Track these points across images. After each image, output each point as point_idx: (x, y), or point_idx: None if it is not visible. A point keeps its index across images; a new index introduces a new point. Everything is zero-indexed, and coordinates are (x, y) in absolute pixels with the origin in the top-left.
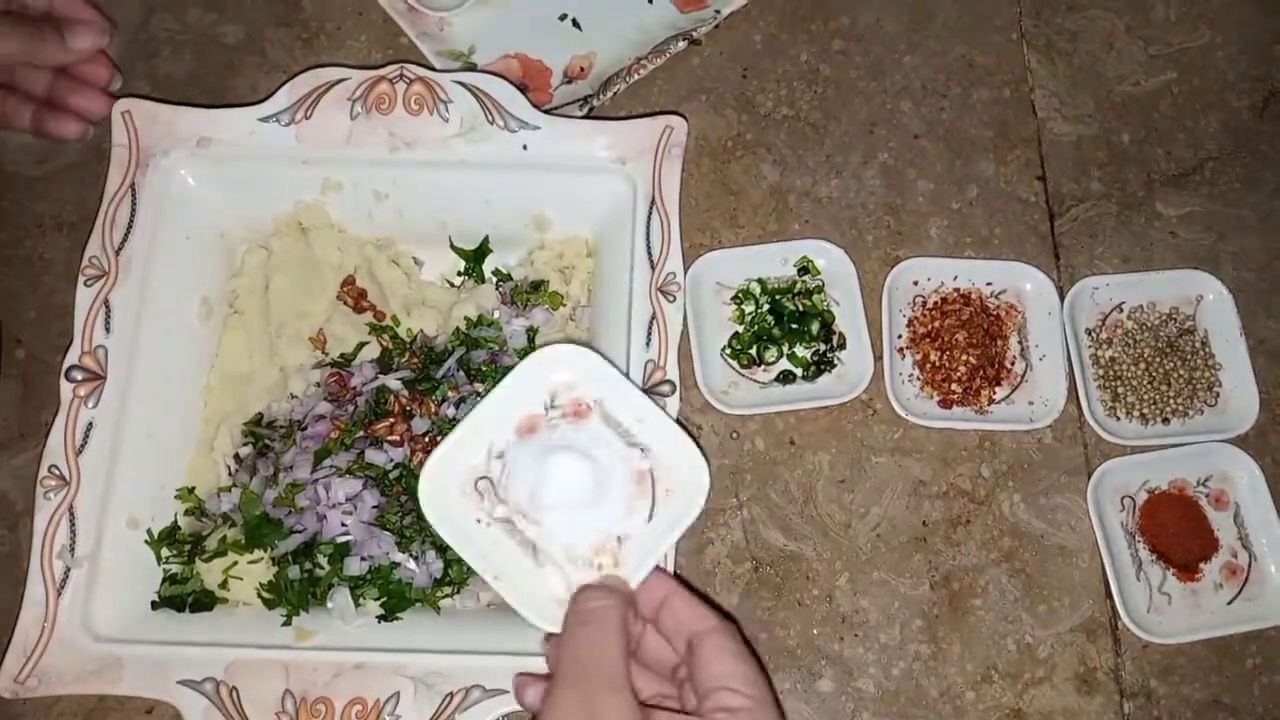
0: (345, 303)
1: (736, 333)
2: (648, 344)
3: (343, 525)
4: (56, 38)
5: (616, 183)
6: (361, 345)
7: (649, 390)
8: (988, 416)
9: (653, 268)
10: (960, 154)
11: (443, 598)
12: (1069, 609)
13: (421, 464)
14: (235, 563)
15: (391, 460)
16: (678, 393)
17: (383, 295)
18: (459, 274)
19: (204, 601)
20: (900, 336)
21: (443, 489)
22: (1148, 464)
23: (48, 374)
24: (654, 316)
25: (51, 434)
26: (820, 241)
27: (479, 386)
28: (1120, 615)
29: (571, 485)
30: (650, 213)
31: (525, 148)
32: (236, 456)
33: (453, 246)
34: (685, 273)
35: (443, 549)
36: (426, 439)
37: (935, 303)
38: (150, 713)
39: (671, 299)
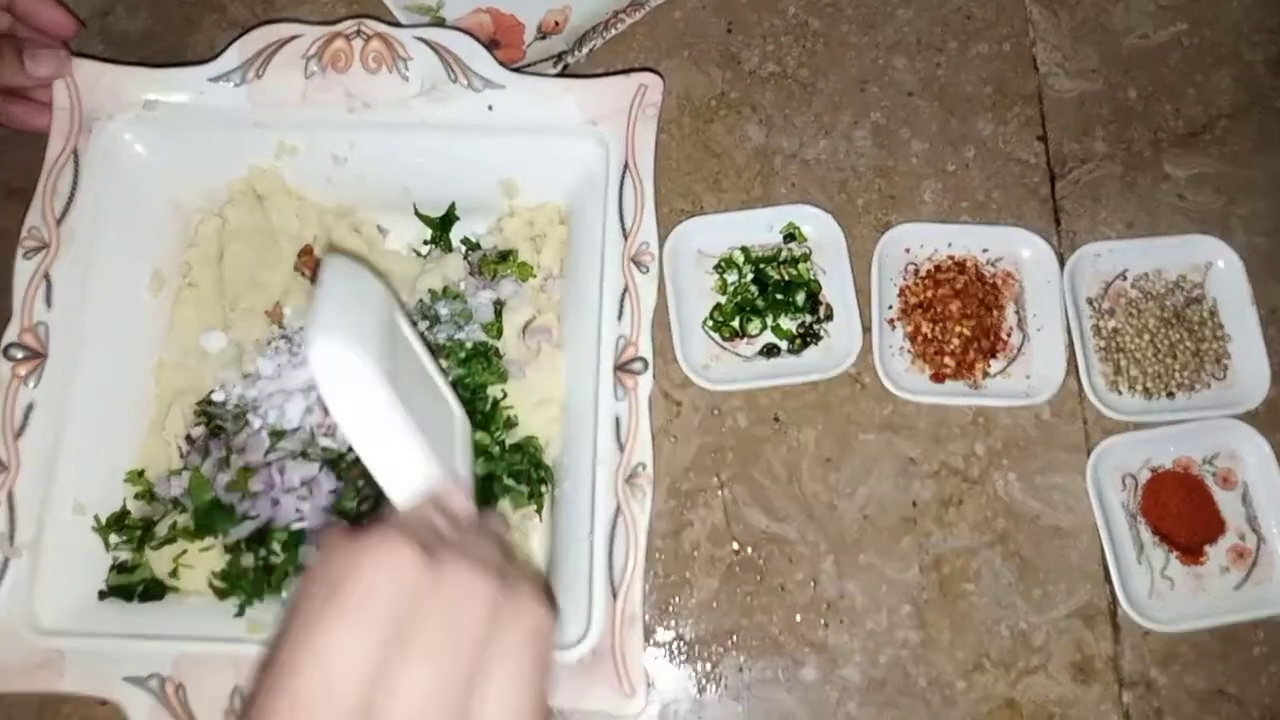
0: (303, 274)
1: (718, 304)
2: (620, 318)
3: (297, 511)
4: (15, 61)
5: (588, 146)
6: None
7: (620, 368)
8: (982, 391)
9: (625, 237)
10: (956, 112)
11: None
12: (1065, 594)
13: None
14: (185, 550)
15: (347, 443)
16: (651, 370)
17: None
18: (425, 243)
19: (153, 591)
20: (891, 307)
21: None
22: (1150, 441)
23: None
24: (626, 289)
25: None
26: (807, 206)
27: (441, 363)
28: (1120, 601)
29: None
30: (623, 177)
31: (490, 108)
32: (189, 438)
33: (417, 214)
34: (663, 241)
35: None
36: None
37: (928, 271)
38: (105, 704)
39: (645, 270)
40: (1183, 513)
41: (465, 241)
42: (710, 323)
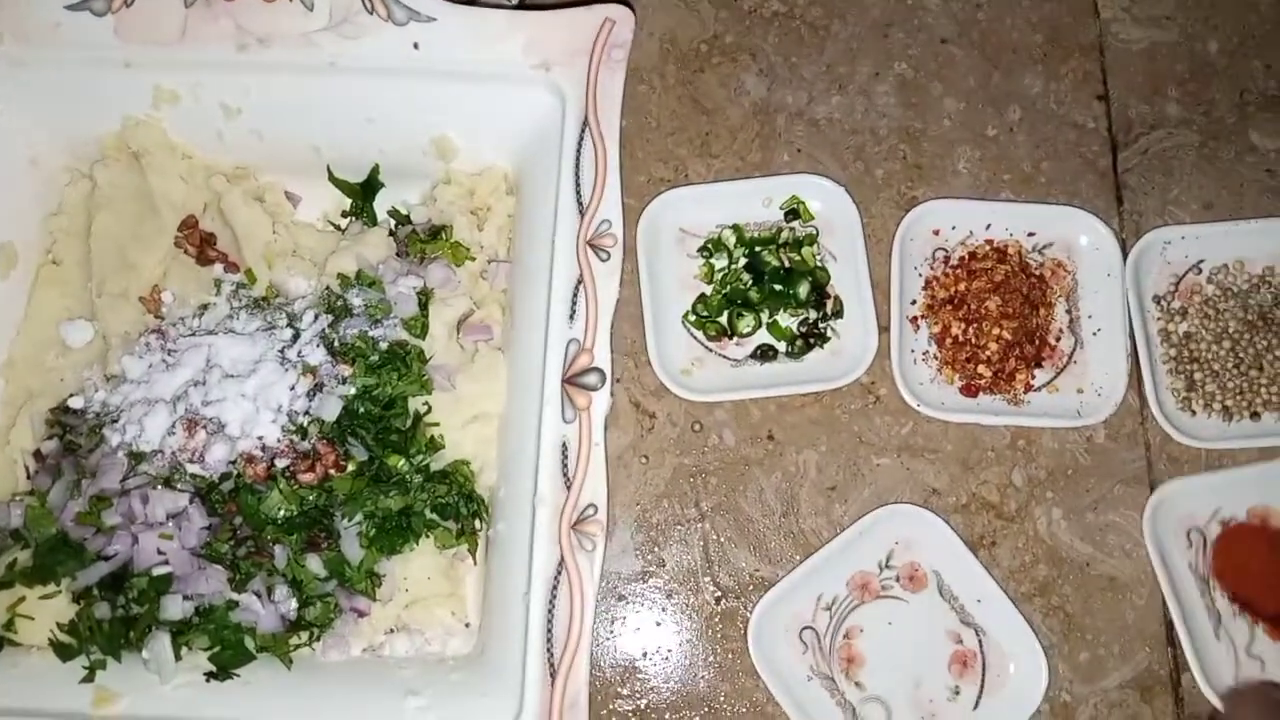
0: (186, 250)
1: (703, 295)
2: (571, 317)
3: (160, 553)
4: None
5: (539, 95)
6: (205, 308)
7: (570, 381)
8: (1023, 408)
9: (582, 214)
10: (999, 65)
11: (297, 647)
12: (1119, 659)
13: (259, 477)
14: (23, 598)
15: (219, 469)
16: (609, 385)
17: (236, 241)
18: (344, 214)
19: None
20: (914, 303)
21: (772, 631)
22: (1218, 487)
23: None
24: (580, 280)
25: None
26: (815, 177)
27: (345, 369)
28: (1196, 681)
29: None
30: (581, 138)
31: (416, 46)
32: (38, 453)
33: (332, 178)
34: (638, 216)
35: (298, 582)
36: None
37: (961, 259)
38: None
39: (605, 257)
40: (1268, 575)
41: (394, 214)
42: (692, 318)
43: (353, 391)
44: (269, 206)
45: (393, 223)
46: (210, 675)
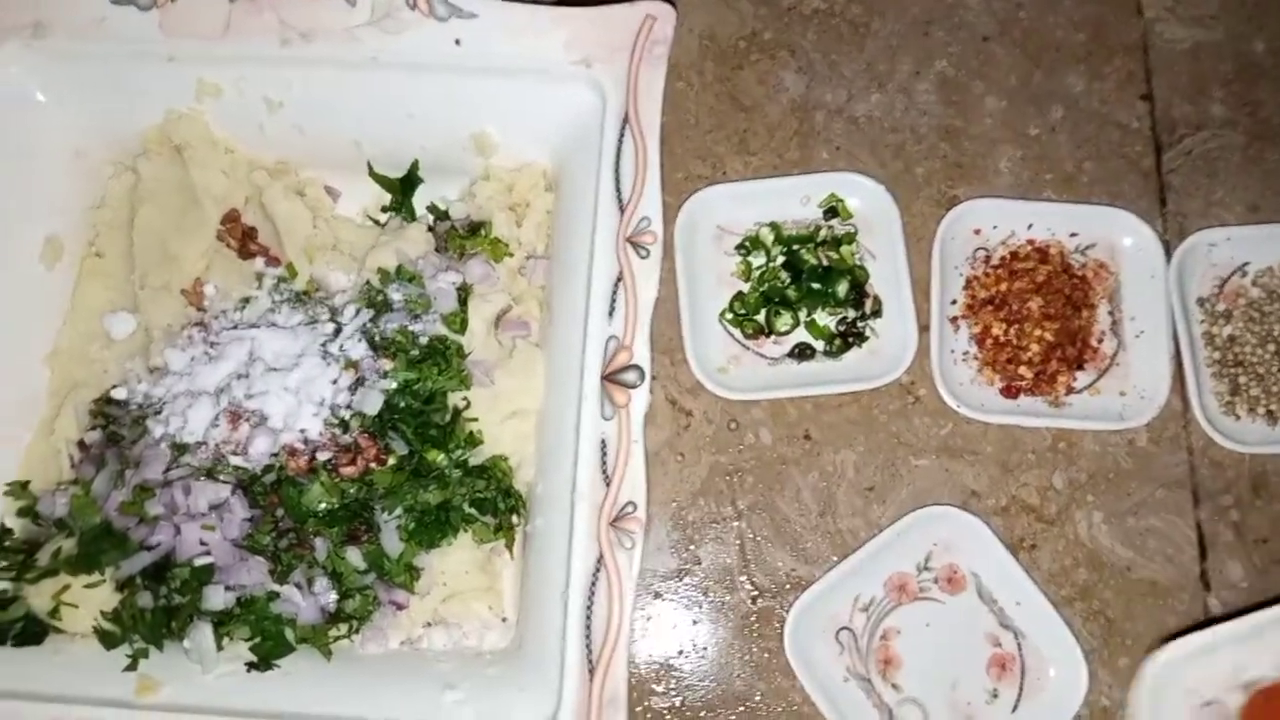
0: (228, 244)
1: (740, 293)
2: (611, 314)
3: (202, 544)
4: None
5: (580, 92)
6: (246, 301)
7: (609, 378)
8: (1065, 410)
9: (622, 210)
10: (1042, 63)
11: (337, 639)
12: None
13: (301, 470)
14: (68, 586)
15: (261, 461)
16: (648, 383)
17: (277, 235)
18: (384, 209)
19: (32, 632)
20: (954, 303)
21: (809, 631)
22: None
23: None
24: (620, 277)
25: None
26: (854, 175)
27: (386, 364)
28: None
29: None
30: (622, 135)
31: (458, 43)
32: (82, 443)
33: (372, 174)
34: (676, 213)
35: (337, 575)
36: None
37: (1002, 259)
38: None
39: (644, 254)
40: None
41: (432, 209)
42: (730, 316)
43: (394, 386)
44: (309, 201)
45: (431, 218)
46: (251, 665)
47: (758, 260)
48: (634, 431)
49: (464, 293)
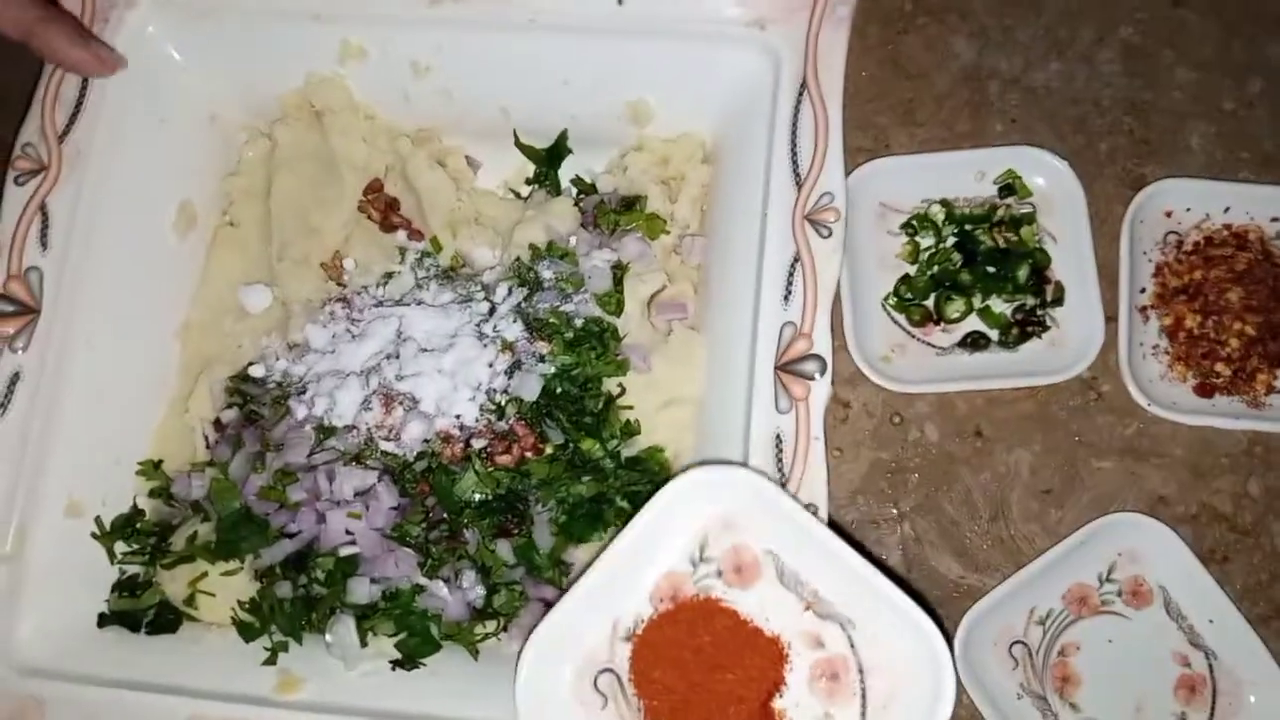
0: (370, 216)
1: (907, 276)
2: (786, 298)
3: (348, 533)
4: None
5: (751, 57)
6: (389, 276)
7: (784, 368)
8: (1265, 411)
9: (799, 185)
10: (1239, 32)
11: (483, 638)
12: None
13: (455, 458)
14: (205, 573)
15: (414, 448)
16: (829, 374)
17: (420, 208)
18: (527, 182)
19: (166, 620)
20: (1144, 291)
21: (980, 644)
22: None
23: None
24: (797, 258)
25: None
26: (1035, 150)
27: (543, 346)
28: None
29: None
30: (799, 103)
31: (620, 2)
32: (217, 422)
33: (518, 143)
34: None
35: (485, 569)
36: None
37: (1196, 244)
38: None
39: (826, 234)
40: None
41: (577, 182)
42: (894, 301)
43: (552, 370)
44: (451, 172)
45: (574, 191)
46: (396, 663)
47: (926, 241)
48: (814, 427)
49: (619, 271)
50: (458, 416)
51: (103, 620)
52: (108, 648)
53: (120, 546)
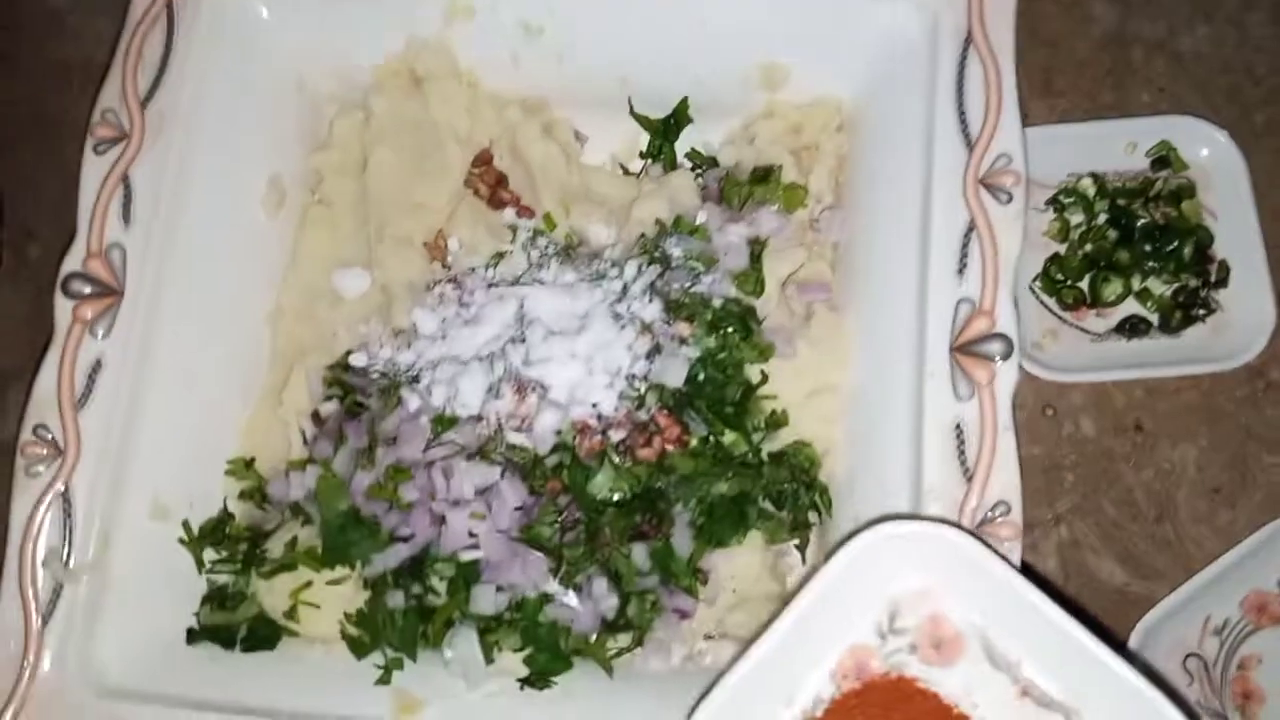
0: (477, 192)
1: (1057, 255)
2: (961, 272)
3: (470, 535)
4: None
5: (900, 9)
6: (499, 256)
7: (963, 350)
8: None
9: (970, 147)
10: None
11: (617, 654)
12: None
13: (593, 451)
14: (309, 583)
15: (547, 441)
16: (1015, 355)
17: (531, 182)
18: (641, 156)
19: (262, 636)
20: None
21: (1151, 657)
22: None
23: None
24: (972, 227)
25: (40, 377)
26: (1191, 119)
27: (684, 328)
28: None
29: None
30: (964, 58)
31: None
32: (316, 415)
33: (633, 113)
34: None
35: (618, 576)
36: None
37: None
38: None
39: (1005, 199)
40: None
41: (692, 155)
42: (1043, 283)
43: (696, 354)
44: (560, 144)
45: (689, 164)
46: (524, 681)
47: (1076, 218)
48: (1001, 415)
49: (758, 248)
50: (594, 405)
51: (192, 636)
52: (197, 666)
53: (209, 554)
